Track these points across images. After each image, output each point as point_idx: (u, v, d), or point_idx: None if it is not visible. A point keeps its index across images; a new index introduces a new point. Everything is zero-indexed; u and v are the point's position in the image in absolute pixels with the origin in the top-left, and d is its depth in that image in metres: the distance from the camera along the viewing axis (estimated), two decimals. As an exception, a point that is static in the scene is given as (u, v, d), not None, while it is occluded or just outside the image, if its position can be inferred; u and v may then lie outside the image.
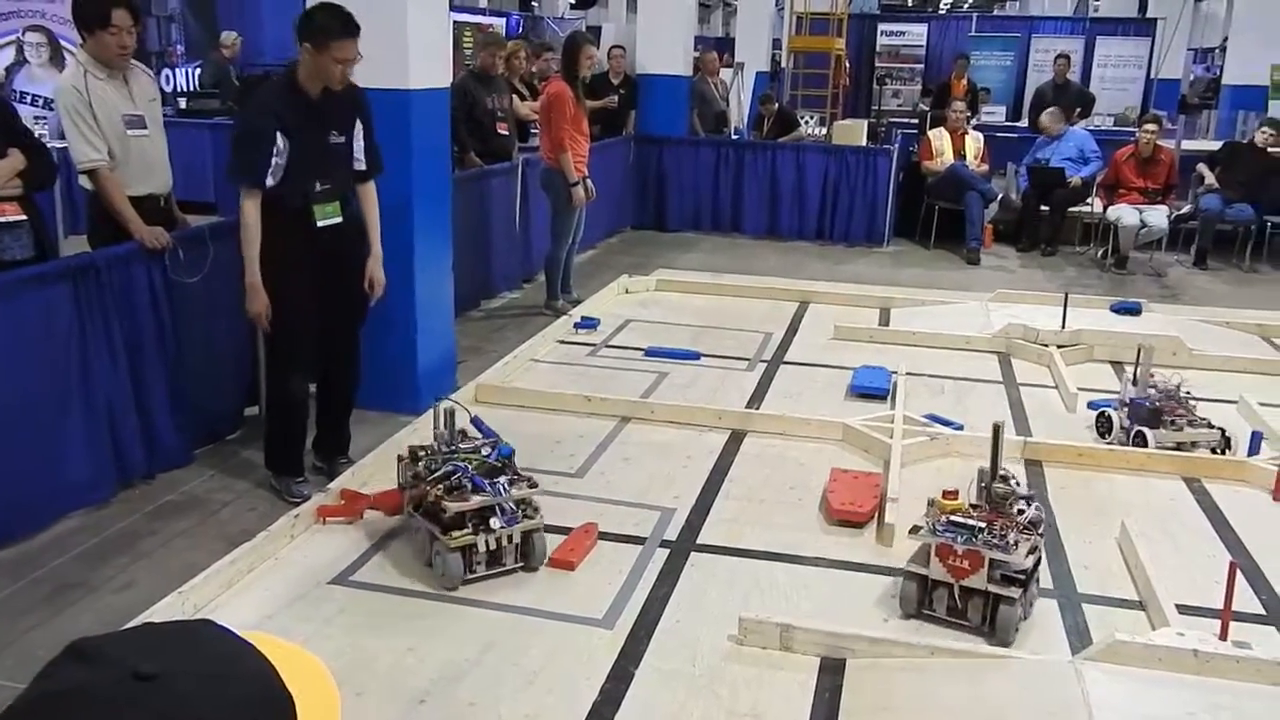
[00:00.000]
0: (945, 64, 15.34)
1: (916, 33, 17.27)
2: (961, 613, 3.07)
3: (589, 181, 6.67)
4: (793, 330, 6.38)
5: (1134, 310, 6.59)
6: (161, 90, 4.73)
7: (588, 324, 6.25)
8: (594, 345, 5.97)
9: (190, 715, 0.65)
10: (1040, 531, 3.11)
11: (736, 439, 4.56)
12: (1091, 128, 11.12)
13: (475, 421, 3.34)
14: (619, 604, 3.20)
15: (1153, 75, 15.22)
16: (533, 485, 3.38)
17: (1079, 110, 11.30)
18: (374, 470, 4.03)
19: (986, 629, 3.03)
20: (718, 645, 2.98)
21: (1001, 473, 3.24)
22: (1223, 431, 4.43)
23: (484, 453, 3.42)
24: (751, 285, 7.31)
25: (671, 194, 9.78)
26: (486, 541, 3.23)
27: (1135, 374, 4.63)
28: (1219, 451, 4.39)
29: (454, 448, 3.40)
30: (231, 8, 13.51)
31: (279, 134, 3.66)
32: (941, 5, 32.25)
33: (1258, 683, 2.74)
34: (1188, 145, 10.11)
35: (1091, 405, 4.95)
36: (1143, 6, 17.76)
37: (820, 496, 3.95)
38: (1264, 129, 8.77)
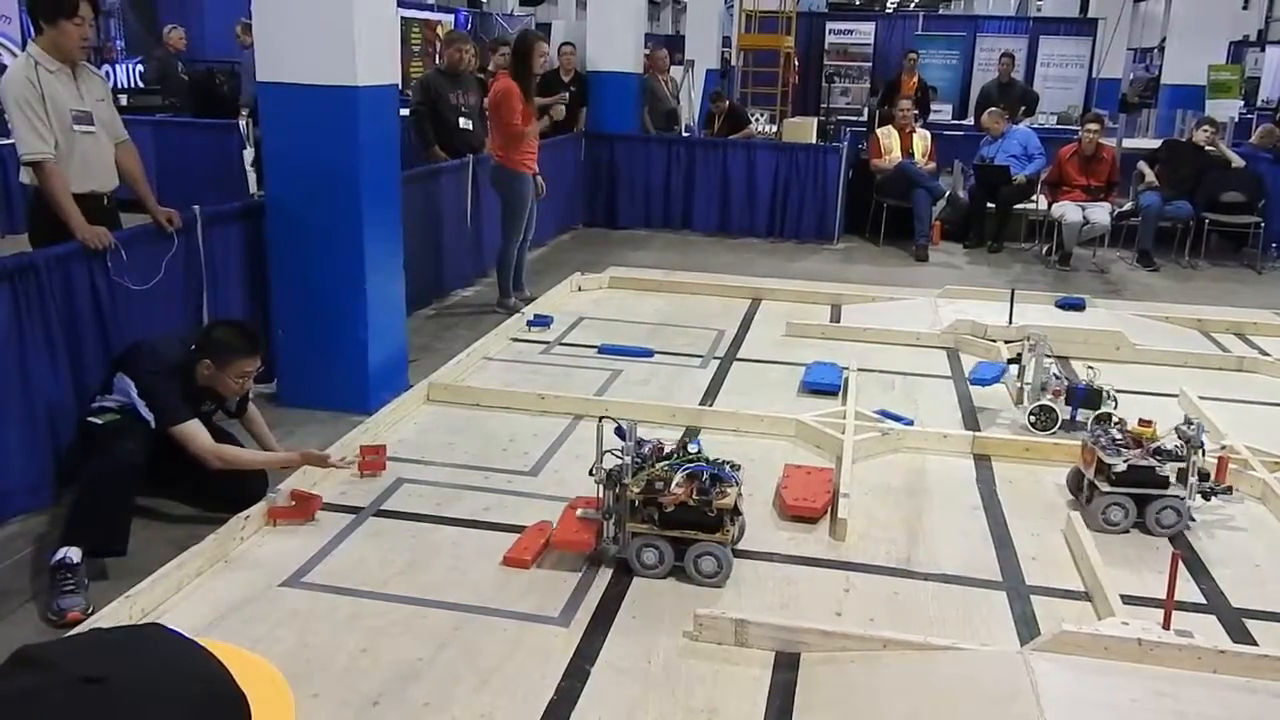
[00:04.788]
0: (893, 62, 15.52)
1: (864, 31, 17.45)
2: (1088, 500, 3.86)
3: (539, 179, 6.66)
4: (745, 327, 6.42)
5: (1078, 305, 6.72)
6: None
7: (540, 322, 6.24)
8: (547, 343, 5.95)
9: (140, 716, 0.64)
10: (1179, 458, 3.74)
11: (690, 435, 4.56)
12: (1035, 126, 11.30)
13: (620, 430, 3.32)
14: (574, 602, 3.19)
15: (1094, 74, 15.53)
16: (736, 468, 3.45)
17: (1023, 109, 11.49)
18: (326, 470, 3.97)
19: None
20: (673, 642, 2.99)
21: (1195, 421, 3.80)
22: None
23: (688, 450, 3.46)
24: (704, 282, 7.34)
25: (623, 191, 9.78)
26: (733, 531, 3.34)
27: (1028, 361, 4.80)
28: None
29: (645, 455, 3.38)
30: (173, 3, 13.28)
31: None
32: (888, 4, 32.59)
33: (1199, 670, 2.81)
34: (1128, 144, 10.32)
35: (975, 381, 5.07)
36: (1084, 7, 18.11)
37: (774, 492, 3.98)
38: (1203, 127, 8.98)
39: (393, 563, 3.42)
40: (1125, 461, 3.73)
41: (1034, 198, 9.33)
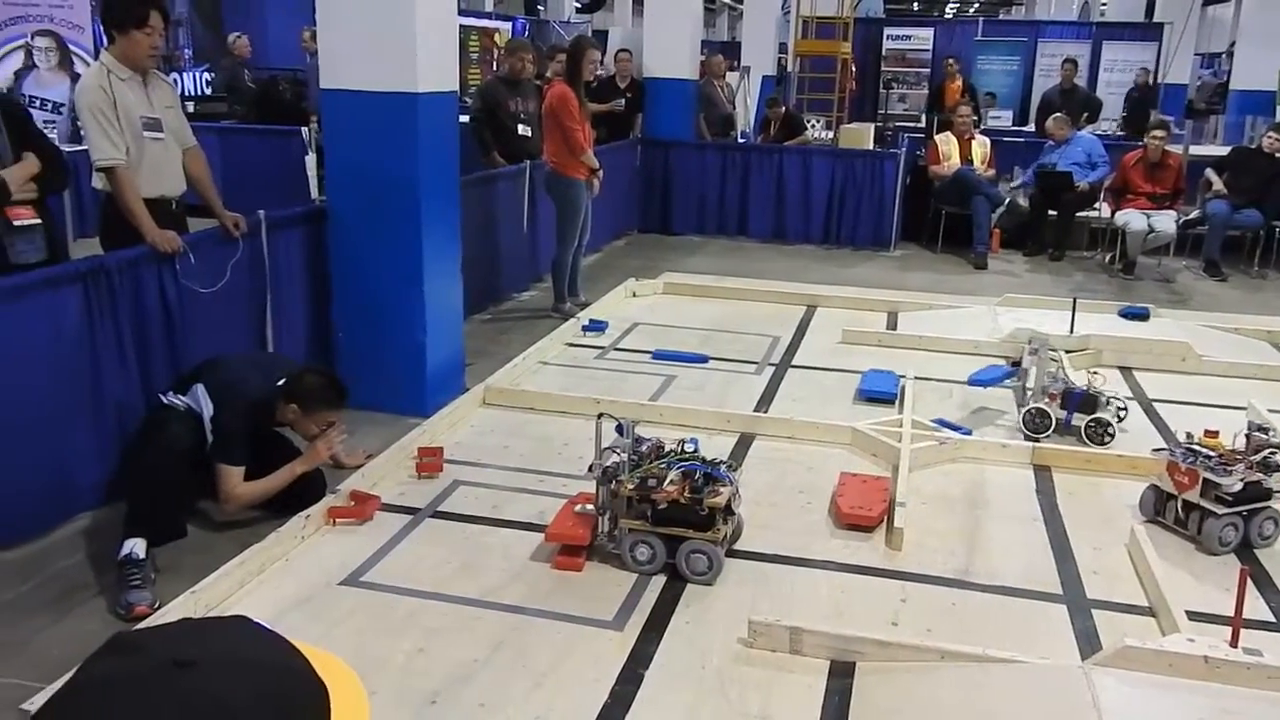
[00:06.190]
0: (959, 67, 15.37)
1: (923, 37, 17.29)
2: (1183, 523, 3.72)
3: (598, 175, 6.69)
4: (800, 334, 6.39)
5: (1142, 315, 6.58)
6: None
7: (595, 327, 6.26)
8: (602, 348, 5.97)
9: (229, 700, 0.66)
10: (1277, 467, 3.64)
11: (745, 442, 4.56)
12: (1099, 133, 11.12)
13: (620, 427, 3.38)
14: (628, 606, 3.20)
15: (1160, 80, 15.22)
16: (733, 468, 3.51)
17: (1086, 115, 11.31)
18: (384, 472, 4.03)
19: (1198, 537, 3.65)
20: (727, 648, 2.98)
21: (1267, 427, 3.82)
22: (1121, 402, 4.75)
23: (685, 449, 3.48)
24: (758, 289, 7.31)
25: (677, 197, 9.78)
26: (725, 530, 3.35)
27: (1030, 364, 4.77)
28: (1118, 420, 4.67)
29: (643, 453, 3.42)
30: (237, 12, 13.58)
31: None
32: (947, 10, 32.25)
33: (1268, 690, 2.73)
34: (1195, 150, 10.11)
35: (974, 381, 5.09)
36: (1149, 11, 17.75)
37: (829, 500, 3.95)
38: (1272, 134, 8.76)
39: (449, 564, 3.45)
40: (1241, 480, 3.59)
41: (1097, 205, 9.17)
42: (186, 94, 11.19)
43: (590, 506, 3.45)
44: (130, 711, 0.66)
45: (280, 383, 3.71)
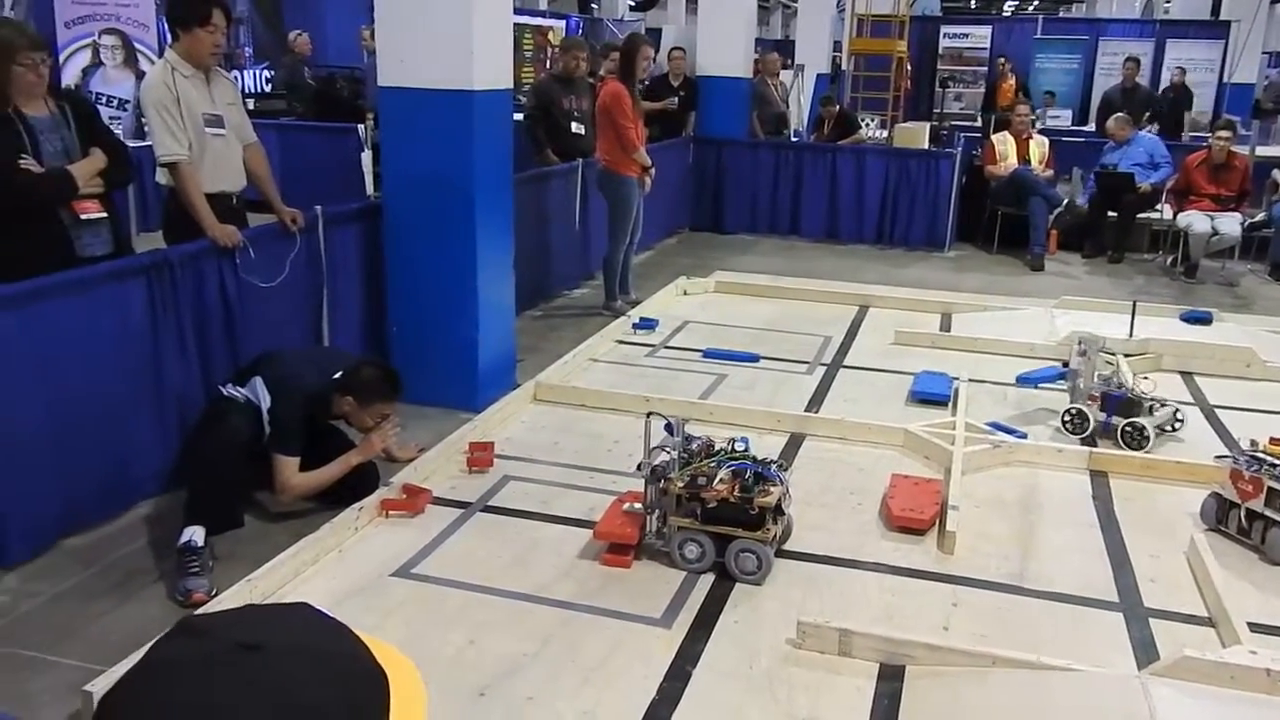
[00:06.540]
0: (1013, 66, 15.16)
1: (980, 35, 17.08)
2: (1246, 532, 3.64)
3: (650, 173, 6.69)
4: (852, 334, 6.34)
5: (1205, 320, 6.44)
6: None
7: (646, 325, 6.27)
8: (652, 346, 5.98)
9: (293, 683, 0.68)
10: None
11: (795, 442, 4.54)
12: (1161, 133, 10.89)
13: (669, 426, 3.39)
14: (676, 604, 3.20)
15: (1225, 79, 14.88)
16: (784, 467, 3.50)
17: (1148, 115, 11.09)
18: (436, 466, 4.07)
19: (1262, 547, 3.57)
20: (776, 648, 2.97)
21: None
22: (1175, 409, 4.64)
23: (735, 448, 3.48)
24: (810, 288, 7.27)
25: (730, 195, 9.76)
26: (775, 530, 3.35)
27: (1079, 366, 4.70)
28: (1170, 429, 4.61)
29: (694, 451, 3.43)
30: (296, 10, 13.77)
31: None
32: (1005, 7, 31.80)
33: (1334, 703, 2.66)
34: (1262, 151, 9.88)
35: (1022, 380, 5.09)
36: (1215, 8, 17.35)
37: (880, 502, 3.92)
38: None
39: (499, 558, 3.48)
40: None
41: (1158, 207, 8.99)
42: (247, 91, 11.38)
43: (638, 505, 3.46)
44: (198, 692, 0.67)
45: (336, 375, 3.77)
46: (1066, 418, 4.61)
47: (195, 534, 3.36)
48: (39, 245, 3.70)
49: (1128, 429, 4.46)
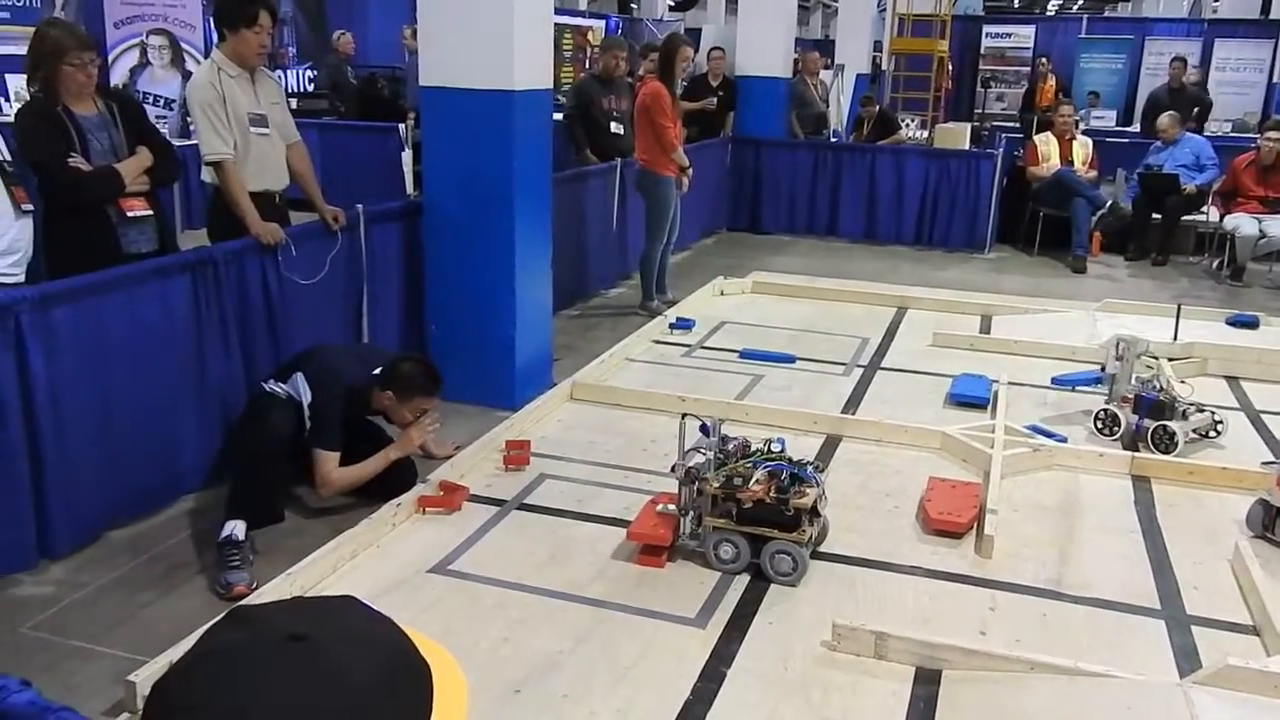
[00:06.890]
0: (1054, 66, 14.98)
1: (1024, 35, 16.91)
2: None
3: (688, 173, 6.69)
4: (890, 336, 6.30)
5: (1251, 324, 6.34)
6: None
7: (683, 325, 6.27)
8: (689, 346, 5.97)
9: (340, 672, 0.69)
10: None
11: (831, 444, 4.52)
12: (1209, 134, 10.72)
13: (704, 427, 3.40)
14: (711, 604, 3.20)
15: (1275, 79, 14.61)
16: (820, 469, 3.49)
17: (1194, 114, 10.92)
18: (473, 463, 4.10)
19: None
20: (810, 650, 2.96)
21: None
22: (1213, 414, 4.58)
23: (771, 449, 3.48)
24: (848, 289, 7.23)
25: (768, 196, 9.73)
26: (811, 532, 3.35)
27: (1116, 369, 4.67)
28: (1210, 434, 4.55)
29: (729, 451, 3.44)
30: (340, 10, 13.91)
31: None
32: (1050, 6, 31.42)
33: (1382, 716, 2.61)
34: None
35: (1058, 381, 5.08)
36: (1265, 7, 17.05)
37: (917, 505, 3.89)
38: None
39: (534, 555, 3.50)
40: None
41: (1204, 209, 8.84)
42: (290, 91, 11.53)
43: (672, 506, 3.46)
44: (249, 681, 0.69)
45: (376, 371, 3.80)
46: (1098, 422, 4.59)
47: (236, 528, 3.41)
48: (86, 242, 3.78)
49: (1158, 431, 4.41)
